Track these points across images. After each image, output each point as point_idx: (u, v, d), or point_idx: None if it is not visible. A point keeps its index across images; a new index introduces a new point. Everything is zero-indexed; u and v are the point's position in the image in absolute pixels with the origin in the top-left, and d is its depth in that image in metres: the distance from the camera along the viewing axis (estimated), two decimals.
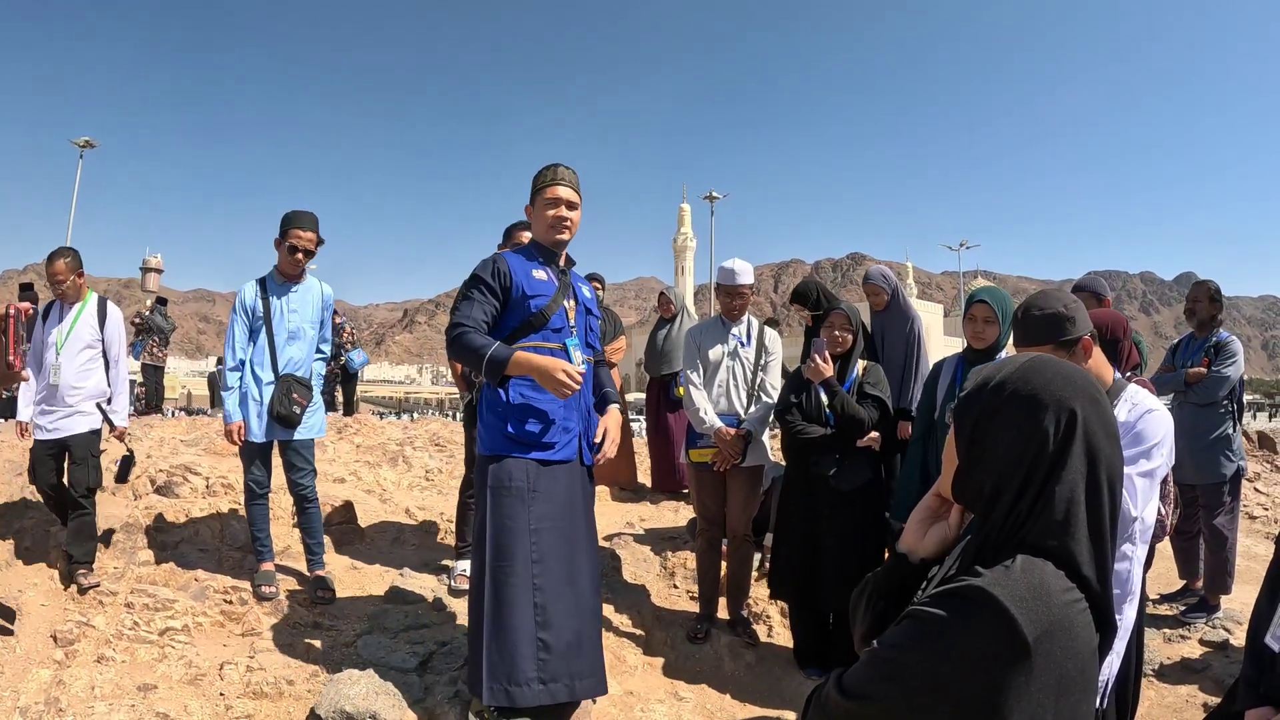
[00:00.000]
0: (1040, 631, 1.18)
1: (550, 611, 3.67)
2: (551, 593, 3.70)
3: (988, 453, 1.36)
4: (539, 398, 3.79)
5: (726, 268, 5.19)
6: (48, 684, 3.83)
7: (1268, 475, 10.68)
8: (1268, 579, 2.98)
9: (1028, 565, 1.25)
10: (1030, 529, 1.30)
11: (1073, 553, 1.28)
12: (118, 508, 5.72)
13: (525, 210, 4.07)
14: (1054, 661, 1.20)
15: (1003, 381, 1.37)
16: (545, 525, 3.75)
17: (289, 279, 5.20)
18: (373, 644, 4.40)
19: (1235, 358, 5.88)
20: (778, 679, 4.89)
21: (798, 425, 4.84)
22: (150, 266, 36.82)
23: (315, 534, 5.30)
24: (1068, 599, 1.24)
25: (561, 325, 3.94)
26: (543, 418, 3.82)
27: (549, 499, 3.80)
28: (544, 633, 3.63)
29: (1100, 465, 1.31)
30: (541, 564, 3.70)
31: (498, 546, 3.68)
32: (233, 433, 4.97)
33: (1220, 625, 5.55)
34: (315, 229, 5.18)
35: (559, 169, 3.99)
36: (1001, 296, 4.32)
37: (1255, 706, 2.77)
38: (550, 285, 3.96)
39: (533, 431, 3.80)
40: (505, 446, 3.78)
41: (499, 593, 3.62)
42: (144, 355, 14.96)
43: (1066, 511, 1.28)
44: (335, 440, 9.64)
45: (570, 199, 3.96)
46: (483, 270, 3.88)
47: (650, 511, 7.66)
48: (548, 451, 3.83)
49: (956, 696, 1.20)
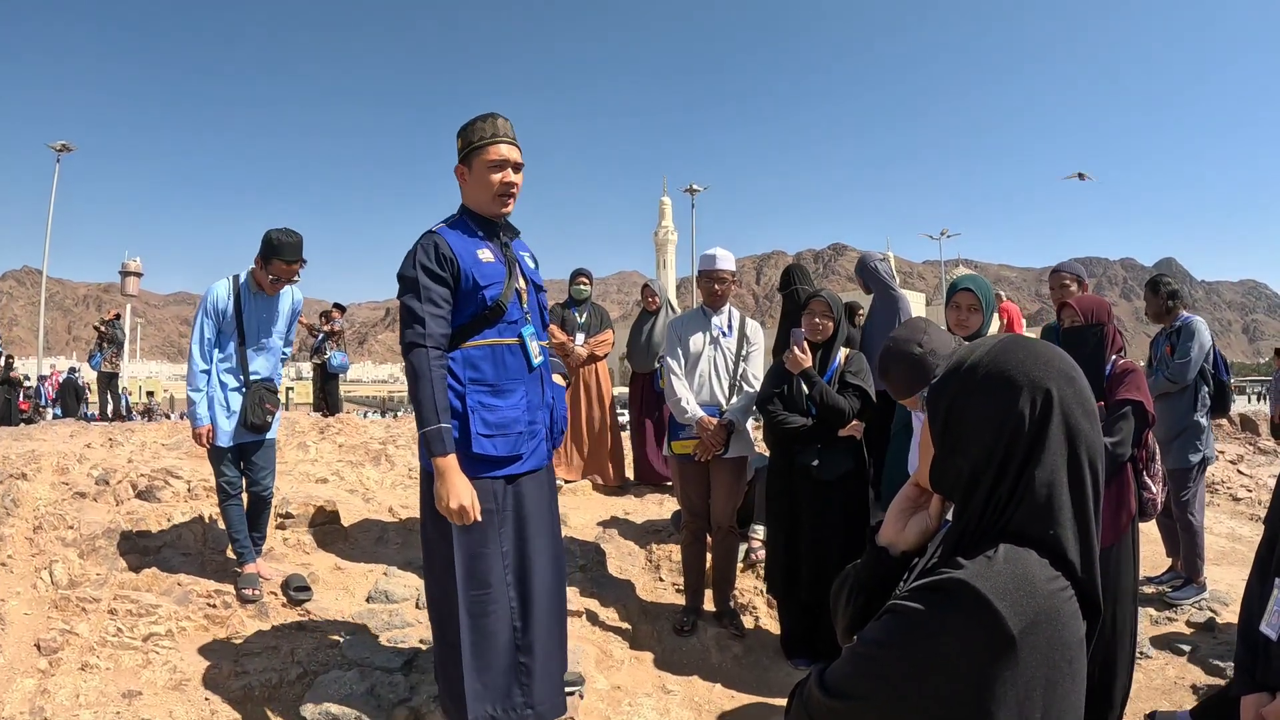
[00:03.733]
0: (1025, 624, 1.15)
1: (530, 633, 3.50)
2: (534, 616, 3.52)
3: (963, 438, 1.33)
4: (501, 405, 3.47)
5: (708, 254, 5.20)
6: (32, 693, 3.79)
7: (1250, 457, 10.75)
8: (1257, 562, 2.99)
9: (1010, 555, 1.22)
10: (1011, 516, 1.27)
11: (1057, 538, 1.24)
12: (99, 514, 5.67)
13: (456, 172, 3.53)
14: (1040, 654, 1.17)
15: (975, 364, 1.34)
16: (516, 543, 3.52)
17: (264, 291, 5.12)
18: (357, 644, 4.38)
19: (1193, 338, 5.93)
20: (765, 669, 4.90)
21: (779, 415, 4.83)
22: (130, 270, 36.65)
23: (261, 529, 5.28)
24: (1053, 588, 1.21)
25: (517, 315, 3.55)
26: (507, 429, 3.46)
27: (518, 515, 3.54)
28: (524, 657, 3.47)
29: (1080, 445, 1.28)
30: (521, 583, 3.51)
31: (472, 576, 3.41)
32: (202, 436, 4.92)
33: (1206, 606, 5.60)
34: (299, 257, 4.97)
35: (498, 120, 3.46)
36: (984, 284, 4.31)
37: (1250, 692, 2.77)
38: (499, 267, 3.52)
39: (499, 448, 3.45)
40: (470, 469, 3.37)
41: (477, 624, 3.39)
42: (104, 364, 16.08)
43: (1048, 495, 1.25)
44: (317, 440, 9.59)
45: (516, 159, 3.50)
46: (425, 257, 3.35)
47: (635, 504, 7.65)
48: (516, 465, 3.52)
49: (940, 692, 1.18)
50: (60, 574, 4.87)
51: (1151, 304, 6.35)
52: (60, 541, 5.23)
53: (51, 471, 6.33)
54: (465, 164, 3.49)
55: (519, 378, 3.54)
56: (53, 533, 5.31)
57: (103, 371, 16.08)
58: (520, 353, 3.55)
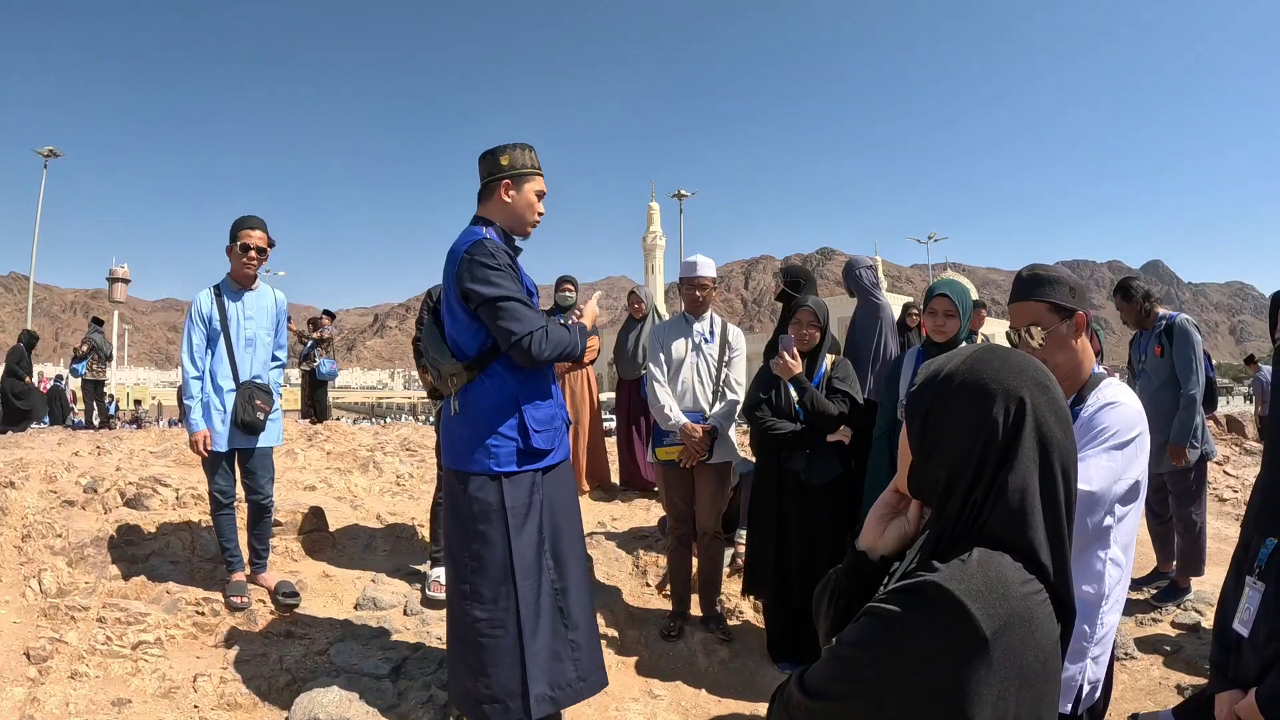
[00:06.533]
0: (999, 625, 1.17)
1: (573, 613, 3.68)
2: (572, 594, 3.70)
3: (939, 445, 1.35)
4: (544, 404, 3.69)
5: (688, 261, 5.24)
6: (22, 702, 3.80)
7: (1237, 458, 10.79)
8: (1233, 563, 3.02)
9: (984, 558, 1.24)
10: (986, 520, 1.29)
11: (1030, 541, 1.27)
12: (88, 522, 5.66)
13: (503, 187, 3.69)
14: (1014, 655, 1.19)
15: (951, 373, 1.37)
16: (551, 529, 3.69)
17: (243, 286, 5.17)
18: (345, 651, 4.39)
19: (1189, 340, 5.77)
20: (752, 674, 4.92)
21: (768, 421, 4.86)
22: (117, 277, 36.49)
23: (264, 540, 5.31)
24: (1026, 590, 1.23)
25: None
26: (551, 424, 3.71)
27: (553, 503, 3.72)
28: (573, 634, 3.65)
29: (1053, 451, 1.31)
30: (560, 566, 3.68)
31: (523, 568, 3.55)
32: (198, 442, 4.93)
33: (1192, 608, 5.61)
34: (265, 229, 5.16)
35: (534, 153, 3.76)
36: (960, 289, 4.33)
37: (1224, 690, 2.80)
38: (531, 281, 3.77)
39: (550, 442, 3.68)
40: (521, 462, 3.60)
41: (524, 611, 3.53)
42: (87, 372, 16.06)
43: (1021, 500, 1.28)
44: (305, 447, 9.59)
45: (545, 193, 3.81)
46: (497, 256, 3.53)
47: (622, 510, 7.66)
48: (551, 457, 3.72)
49: (916, 693, 1.19)
50: (49, 582, 4.87)
51: (1127, 311, 6.21)
52: (49, 550, 5.23)
53: (39, 480, 6.32)
54: (516, 187, 3.69)
55: (550, 377, 3.80)
56: (41, 541, 5.31)
57: (88, 379, 16.10)
58: None
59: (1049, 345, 2.45)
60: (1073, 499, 1.34)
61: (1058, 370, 2.39)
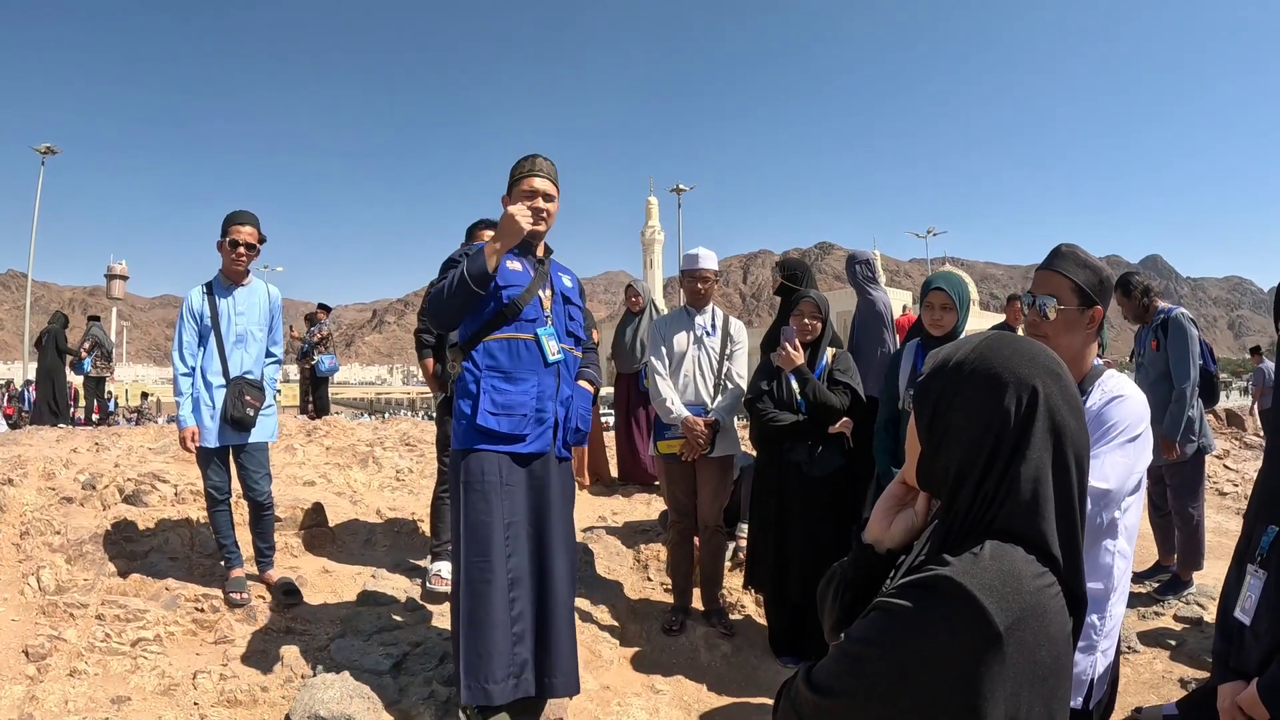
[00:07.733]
0: (1012, 620, 1.15)
1: (524, 607, 3.71)
2: (525, 588, 3.74)
3: (949, 435, 1.33)
4: (511, 389, 3.80)
5: (690, 253, 5.24)
6: (21, 700, 3.78)
7: (1236, 452, 10.79)
8: (1236, 554, 3.01)
9: (997, 551, 1.22)
10: (997, 512, 1.26)
11: (1042, 533, 1.25)
12: (86, 518, 5.65)
13: (502, 201, 3.97)
14: (1028, 650, 1.17)
15: (961, 361, 1.34)
16: (518, 519, 3.77)
17: (235, 281, 5.15)
18: (346, 647, 4.37)
19: (1183, 334, 5.76)
20: (754, 668, 4.91)
21: (769, 413, 4.85)
22: (115, 273, 36.53)
23: (267, 538, 5.29)
24: (1039, 584, 1.21)
25: (535, 315, 3.91)
26: (513, 410, 3.79)
27: (520, 494, 3.81)
28: (518, 626, 3.67)
29: (1066, 441, 1.28)
30: (516, 557, 3.73)
31: (472, 541, 3.68)
32: (187, 438, 4.92)
33: (1194, 601, 5.60)
34: (256, 225, 5.15)
35: (536, 160, 4.00)
36: (957, 282, 4.32)
37: (1227, 680, 2.79)
38: (525, 275, 3.93)
39: (503, 425, 3.77)
40: (476, 440, 3.77)
41: (474, 588, 3.63)
42: (91, 369, 16.00)
43: (1033, 491, 1.25)
44: (305, 443, 9.58)
45: (547, 190, 3.96)
46: (459, 256, 3.89)
47: (622, 504, 7.66)
48: (518, 445, 3.81)
49: (928, 689, 1.17)
50: (48, 579, 4.85)
51: (1127, 307, 6.21)
52: (47, 547, 5.21)
53: (38, 476, 6.30)
54: (509, 193, 3.99)
55: (533, 370, 3.88)
56: (40, 538, 5.29)
57: (90, 376, 16.02)
58: (535, 348, 3.88)
59: (1058, 322, 2.43)
60: (1085, 489, 1.31)
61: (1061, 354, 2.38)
